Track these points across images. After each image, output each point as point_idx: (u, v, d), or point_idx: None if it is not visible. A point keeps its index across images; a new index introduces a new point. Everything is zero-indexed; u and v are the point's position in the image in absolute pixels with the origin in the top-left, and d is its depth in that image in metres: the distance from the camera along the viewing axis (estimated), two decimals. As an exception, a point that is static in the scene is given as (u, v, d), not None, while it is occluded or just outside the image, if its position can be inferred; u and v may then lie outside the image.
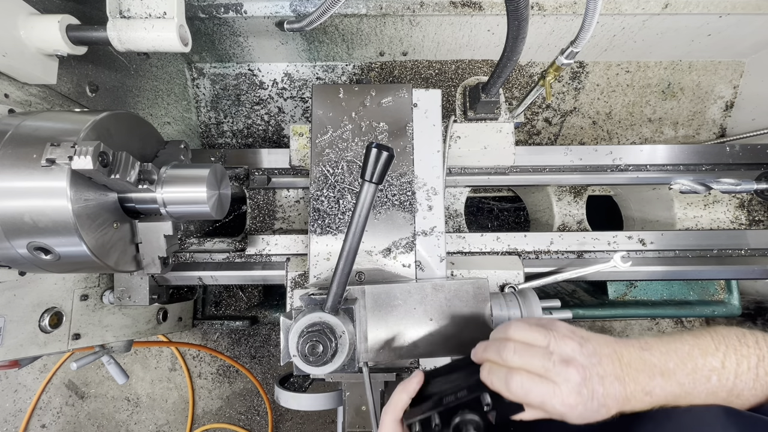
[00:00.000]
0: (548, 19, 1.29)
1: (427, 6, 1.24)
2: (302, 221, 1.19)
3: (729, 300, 1.32)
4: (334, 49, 1.47)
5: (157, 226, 0.88)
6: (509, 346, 0.53)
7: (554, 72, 0.80)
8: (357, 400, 0.78)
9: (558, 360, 0.51)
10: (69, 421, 1.88)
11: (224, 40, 1.40)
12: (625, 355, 0.52)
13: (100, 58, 1.08)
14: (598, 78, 1.59)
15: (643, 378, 0.52)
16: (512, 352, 0.53)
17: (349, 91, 0.88)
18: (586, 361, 0.51)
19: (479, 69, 1.56)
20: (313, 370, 0.62)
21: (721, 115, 1.61)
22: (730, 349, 0.53)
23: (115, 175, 0.70)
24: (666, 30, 1.35)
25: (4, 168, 0.65)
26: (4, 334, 0.84)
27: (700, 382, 0.51)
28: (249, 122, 1.61)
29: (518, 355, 0.52)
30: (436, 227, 0.86)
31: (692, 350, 0.53)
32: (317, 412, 1.88)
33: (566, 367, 0.50)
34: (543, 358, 0.52)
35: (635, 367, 0.52)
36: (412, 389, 0.61)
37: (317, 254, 0.82)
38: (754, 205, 1.24)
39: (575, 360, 0.51)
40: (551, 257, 1.06)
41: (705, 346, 0.53)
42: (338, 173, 0.84)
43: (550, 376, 0.51)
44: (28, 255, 0.70)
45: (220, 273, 1.07)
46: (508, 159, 1.02)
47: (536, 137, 1.64)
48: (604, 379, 0.51)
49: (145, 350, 1.88)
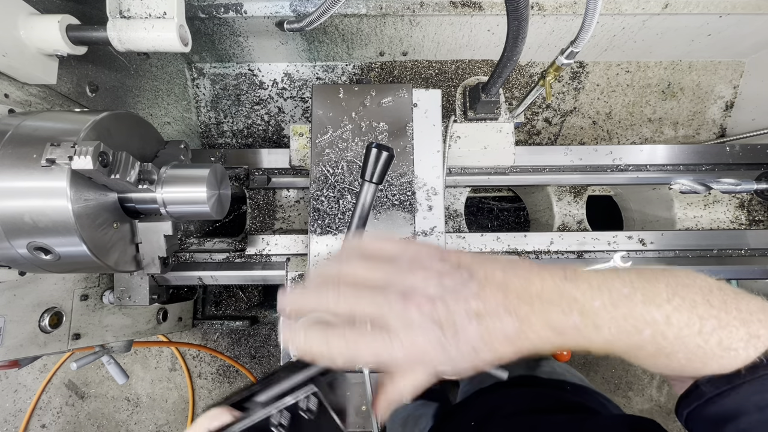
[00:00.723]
0: (548, 19, 1.29)
1: (427, 6, 1.24)
2: (302, 221, 1.19)
3: (729, 300, 1.32)
4: (334, 49, 1.47)
5: (157, 226, 0.88)
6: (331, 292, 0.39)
7: (554, 72, 0.80)
8: (357, 400, 0.78)
9: (395, 297, 0.37)
10: (69, 421, 1.88)
11: (224, 40, 1.40)
12: (536, 283, 0.40)
13: (100, 58, 1.08)
14: (598, 78, 1.59)
15: (555, 313, 0.39)
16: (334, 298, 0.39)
17: (349, 91, 0.88)
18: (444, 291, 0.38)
19: (479, 69, 1.56)
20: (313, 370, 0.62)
21: (721, 115, 1.61)
22: (685, 303, 0.41)
23: (115, 175, 0.70)
24: (666, 30, 1.35)
25: (4, 168, 0.65)
26: (4, 334, 0.84)
27: (626, 333, 0.40)
28: (249, 122, 1.61)
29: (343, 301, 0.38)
30: (436, 227, 0.86)
31: (633, 294, 0.41)
32: (317, 412, 1.88)
33: (404, 302, 0.37)
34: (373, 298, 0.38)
35: (547, 298, 0.39)
36: None
37: (317, 254, 0.82)
38: (754, 205, 1.24)
39: (418, 291, 0.38)
40: (551, 257, 1.06)
41: (652, 293, 0.41)
42: (338, 173, 0.84)
43: (385, 320, 0.37)
44: (28, 255, 0.70)
45: (220, 273, 1.07)
46: (508, 159, 1.02)
47: (536, 137, 1.64)
48: (483, 315, 0.38)
49: (145, 350, 1.88)
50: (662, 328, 0.40)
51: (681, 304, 0.40)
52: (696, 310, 0.41)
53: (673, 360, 0.42)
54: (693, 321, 0.40)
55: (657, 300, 0.41)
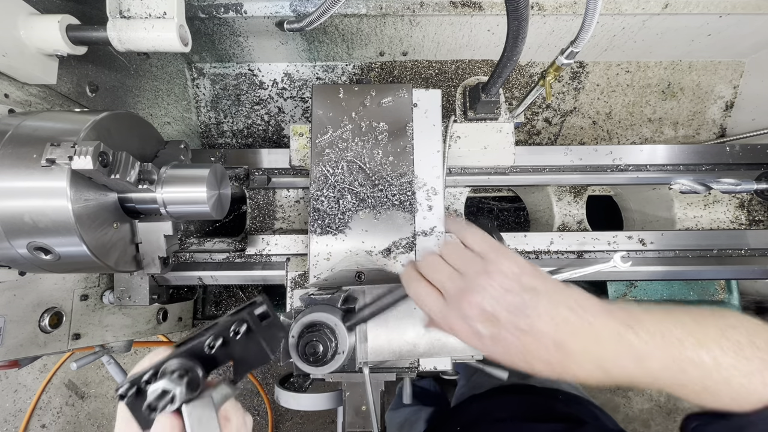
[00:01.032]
0: (548, 19, 1.29)
1: (427, 6, 1.24)
2: (302, 221, 1.19)
3: (729, 300, 1.32)
4: (334, 49, 1.47)
5: (157, 226, 0.88)
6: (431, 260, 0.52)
7: (554, 72, 0.80)
8: (357, 400, 0.78)
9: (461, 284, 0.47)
10: (69, 421, 1.88)
11: (224, 40, 1.40)
12: (597, 326, 0.43)
13: (100, 58, 1.08)
14: (598, 78, 1.59)
15: (609, 359, 0.43)
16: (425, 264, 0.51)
17: (349, 91, 0.88)
18: (502, 305, 0.45)
19: (479, 69, 1.56)
20: (313, 370, 0.62)
21: (721, 115, 1.61)
22: (732, 346, 0.43)
23: (115, 175, 0.70)
24: (666, 30, 1.35)
25: (4, 168, 0.65)
26: (4, 334, 0.84)
27: (673, 372, 0.43)
28: (249, 122, 1.61)
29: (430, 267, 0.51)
30: (436, 227, 0.86)
31: (685, 338, 0.44)
32: (317, 412, 1.88)
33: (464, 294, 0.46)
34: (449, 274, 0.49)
35: (605, 343, 0.43)
36: None
37: (317, 254, 0.82)
38: (754, 205, 1.24)
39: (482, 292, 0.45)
40: (551, 257, 1.06)
41: (703, 336, 0.44)
42: (338, 173, 0.84)
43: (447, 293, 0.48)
44: (28, 255, 0.70)
45: (220, 273, 1.07)
46: (508, 159, 1.02)
47: (536, 137, 1.64)
48: (528, 335, 0.43)
49: (145, 350, 1.88)
50: (710, 370, 0.43)
51: (728, 346, 0.43)
52: (743, 352, 0.43)
53: (717, 398, 0.44)
54: (740, 362, 0.43)
55: (707, 343, 0.44)
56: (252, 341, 0.47)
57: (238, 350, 0.46)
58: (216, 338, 0.45)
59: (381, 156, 0.85)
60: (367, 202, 0.83)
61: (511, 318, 0.44)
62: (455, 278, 0.48)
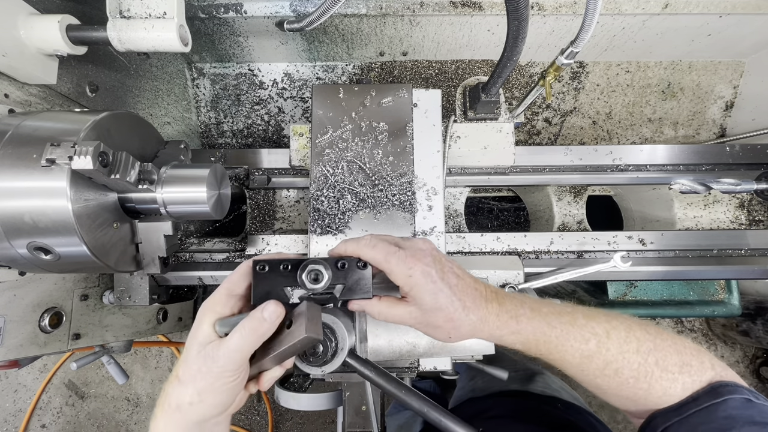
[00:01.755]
0: (548, 19, 1.29)
1: (427, 6, 1.24)
2: (302, 221, 1.19)
3: (729, 300, 1.32)
4: (334, 49, 1.47)
5: (157, 226, 0.88)
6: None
7: (554, 72, 0.80)
8: (357, 400, 0.78)
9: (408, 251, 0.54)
10: (69, 421, 1.88)
11: (224, 40, 1.40)
12: (492, 287, 0.55)
13: (100, 58, 1.08)
14: (598, 78, 1.59)
15: (510, 303, 0.52)
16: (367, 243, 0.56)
17: (349, 91, 0.88)
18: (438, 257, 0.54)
19: (479, 69, 1.56)
20: (313, 370, 0.62)
21: (721, 115, 1.61)
22: (622, 326, 0.50)
23: (115, 175, 0.69)
24: (666, 30, 1.35)
25: (4, 168, 0.66)
26: (4, 334, 0.84)
27: (575, 338, 0.50)
28: (249, 122, 1.61)
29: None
30: (436, 227, 0.86)
31: (575, 312, 0.52)
32: (317, 412, 1.88)
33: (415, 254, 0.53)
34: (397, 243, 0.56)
35: (501, 294, 0.53)
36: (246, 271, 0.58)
37: (317, 254, 0.82)
38: (754, 205, 1.24)
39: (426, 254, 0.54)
40: (551, 257, 1.06)
41: (593, 314, 0.52)
42: (338, 173, 0.84)
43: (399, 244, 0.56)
44: (28, 255, 0.70)
45: (220, 273, 1.07)
46: (508, 159, 1.02)
47: (536, 137, 1.64)
48: (461, 277, 0.53)
49: (145, 350, 1.88)
50: (604, 341, 0.49)
51: (619, 325, 0.50)
52: (633, 332, 0.50)
53: (622, 378, 0.49)
54: (630, 339, 0.49)
55: (597, 318, 0.51)
56: (363, 279, 0.57)
57: (351, 280, 0.57)
58: (345, 261, 0.57)
59: (381, 156, 0.85)
60: (367, 202, 0.83)
61: (447, 264, 0.54)
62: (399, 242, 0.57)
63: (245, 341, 0.49)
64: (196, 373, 0.49)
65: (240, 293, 0.56)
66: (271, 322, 0.51)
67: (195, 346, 0.51)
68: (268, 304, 0.52)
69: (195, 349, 0.50)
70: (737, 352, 1.92)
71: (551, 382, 1.02)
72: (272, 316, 0.51)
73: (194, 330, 0.53)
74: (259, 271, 0.55)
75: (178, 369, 0.51)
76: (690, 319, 1.96)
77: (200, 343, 0.51)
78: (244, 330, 0.50)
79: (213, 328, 0.52)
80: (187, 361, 0.50)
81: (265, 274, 0.56)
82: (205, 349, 0.50)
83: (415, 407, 0.56)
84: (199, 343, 0.51)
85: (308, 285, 0.55)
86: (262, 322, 0.51)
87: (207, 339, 0.51)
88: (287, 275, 0.56)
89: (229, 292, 0.55)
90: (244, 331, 0.50)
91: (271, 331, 0.52)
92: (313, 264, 0.55)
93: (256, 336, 0.50)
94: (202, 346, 0.50)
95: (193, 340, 0.51)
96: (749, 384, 1.84)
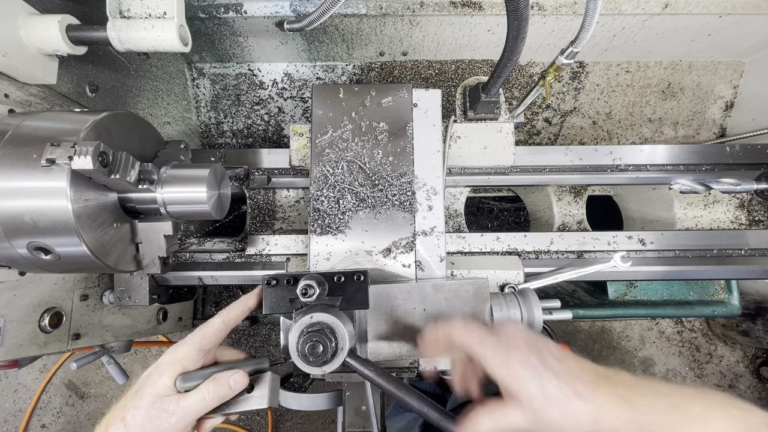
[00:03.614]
0: (548, 19, 1.29)
1: (427, 6, 1.24)
2: (302, 221, 1.19)
3: (729, 300, 1.32)
4: (334, 49, 1.47)
5: (157, 226, 0.88)
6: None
7: (554, 72, 0.80)
8: (357, 400, 0.78)
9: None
10: (69, 421, 1.88)
11: (224, 40, 1.40)
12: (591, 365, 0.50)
13: (100, 58, 1.08)
14: (598, 78, 1.59)
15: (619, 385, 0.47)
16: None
17: (349, 91, 0.88)
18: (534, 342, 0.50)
19: (479, 69, 1.56)
20: (313, 370, 0.62)
21: (721, 115, 1.61)
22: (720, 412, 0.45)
23: (115, 175, 0.69)
24: (666, 30, 1.35)
25: (4, 168, 0.65)
26: (4, 334, 0.84)
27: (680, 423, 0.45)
28: (249, 122, 1.61)
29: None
30: (436, 227, 0.86)
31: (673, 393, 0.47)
32: (317, 412, 1.88)
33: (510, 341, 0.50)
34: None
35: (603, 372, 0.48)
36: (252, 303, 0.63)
37: (317, 254, 0.82)
38: (754, 205, 1.24)
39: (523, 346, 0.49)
40: (551, 257, 1.06)
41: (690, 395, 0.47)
42: (338, 173, 0.84)
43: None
44: (28, 255, 0.70)
45: (220, 273, 1.07)
46: (508, 159, 1.02)
47: (536, 137, 1.64)
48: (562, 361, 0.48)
49: (145, 350, 1.88)
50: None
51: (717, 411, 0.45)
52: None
53: None
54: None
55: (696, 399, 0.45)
56: (361, 291, 0.63)
57: (349, 291, 0.63)
58: (342, 275, 0.63)
59: (381, 156, 0.85)
60: (367, 202, 0.83)
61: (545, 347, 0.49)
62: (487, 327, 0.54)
63: (206, 404, 0.51)
64: (146, 423, 0.50)
65: (210, 348, 0.57)
66: (236, 391, 0.54)
67: (150, 395, 0.51)
68: (236, 374, 0.54)
69: (149, 398, 0.51)
70: (737, 352, 1.92)
71: None
72: (237, 384, 0.54)
73: (152, 377, 0.53)
74: (269, 285, 0.63)
75: (125, 411, 0.51)
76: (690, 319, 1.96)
77: (157, 394, 0.51)
78: (208, 393, 0.51)
79: (174, 382, 0.53)
80: (138, 407, 0.51)
81: (273, 288, 0.63)
82: (161, 402, 0.51)
83: (416, 407, 0.56)
84: (155, 394, 0.51)
85: (301, 299, 0.59)
86: (227, 389, 0.53)
87: (165, 391, 0.52)
88: (291, 288, 0.63)
89: (201, 347, 0.56)
90: (207, 393, 0.51)
91: (230, 396, 0.54)
92: (306, 279, 0.61)
93: (218, 399, 0.52)
94: (158, 397, 0.51)
95: (149, 387, 0.52)
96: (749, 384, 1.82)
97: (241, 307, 0.63)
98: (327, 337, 0.62)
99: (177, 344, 0.57)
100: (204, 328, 0.58)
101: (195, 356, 0.56)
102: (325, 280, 0.63)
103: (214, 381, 0.53)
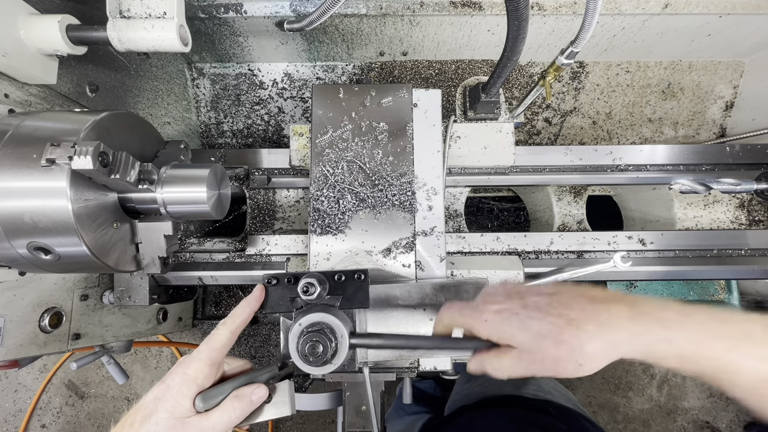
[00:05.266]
0: (548, 19, 1.29)
1: (427, 6, 1.24)
2: (302, 221, 1.19)
3: (729, 300, 1.32)
4: (334, 49, 1.47)
5: (157, 226, 0.88)
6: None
7: (554, 72, 0.80)
8: (357, 400, 0.78)
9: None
10: (69, 421, 1.88)
11: (224, 40, 1.40)
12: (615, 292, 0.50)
13: (100, 58, 1.08)
14: (598, 78, 1.59)
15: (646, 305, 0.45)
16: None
17: (349, 91, 0.88)
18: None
19: (479, 69, 1.56)
20: (313, 370, 0.62)
21: (721, 115, 1.61)
22: None
23: (115, 175, 0.69)
24: (666, 30, 1.35)
25: (4, 168, 0.65)
26: (4, 334, 0.84)
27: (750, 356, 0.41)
28: (249, 122, 1.61)
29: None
30: (436, 227, 0.86)
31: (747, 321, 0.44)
32: (317, 412, 1.88)
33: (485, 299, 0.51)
34: None
35: (631, 296, 0.48)
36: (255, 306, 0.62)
37: (317, 254, 0.82)
38: (754, 205, 1.24)
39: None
40: (551, 257, 1.06)
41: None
42: (338, 173, 0.84)
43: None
44: (28, 255, 0.70)
45: (220, 273, 1.07)
46: (508, 159, 1.02)
47: (536, 137, 1.64)
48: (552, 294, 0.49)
49: (145, 350, 1.88)
50: None
51: None
52: None
53: None
54: None
55: None
56: (361, 290, 0.63)
57: (349, 290, 0.63)
58: (342, 274, 0.63)
59: (381, 156, 0.85)
60: (367, 202, 0.83)
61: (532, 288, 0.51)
62: None
63: (231, 422, 0.50)
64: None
65: (220, 360, 0.56)
66: (257, 404, 0.54)
67: (166, 420, 0.49)
68: (258, 388, 0.54)
69: (166, 422, 0.49)
70: (737, 352, 1.92)
71: (543, 383, 1.01)
72: (259, 398, 0.54)
73: (165, 400, 0.50)
74: (269, 285, 0.64)
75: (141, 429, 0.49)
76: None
77: (176, 417, 0.50)
78: (234, 411, 0.51)
79: (192, 403, 0.51)
80: (158, 424, 0.49)
81: (274, 287, 0.64)
82: (183, 426, 0.49)
83: (434, 345, 0.58)
84: (174, 418, 0.49)
85: (302, 297, 0.60)
86: (250, 405, 0.52)
87: (184, 414, 0.50)
88: (291, 287, 0.63)
89: (213, 361, 0.55)
90: (233, 412, 0.51)
91: (252, 410, 0.54)
92: (307, 278, 0.61)
93: (242, 416, 0.52)
94: (178, 421, 0.49)
95: (163, 412, 0.50)
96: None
97: (246, 311, 0.61)
98: (327, 337, 0.62)
99: (184, 361, 0.55)
100: (212, 341, 0.56)
101: (208, 372, 0.54)
102: (325, 278, 0.63)
103: (237, 398, 0.52)
